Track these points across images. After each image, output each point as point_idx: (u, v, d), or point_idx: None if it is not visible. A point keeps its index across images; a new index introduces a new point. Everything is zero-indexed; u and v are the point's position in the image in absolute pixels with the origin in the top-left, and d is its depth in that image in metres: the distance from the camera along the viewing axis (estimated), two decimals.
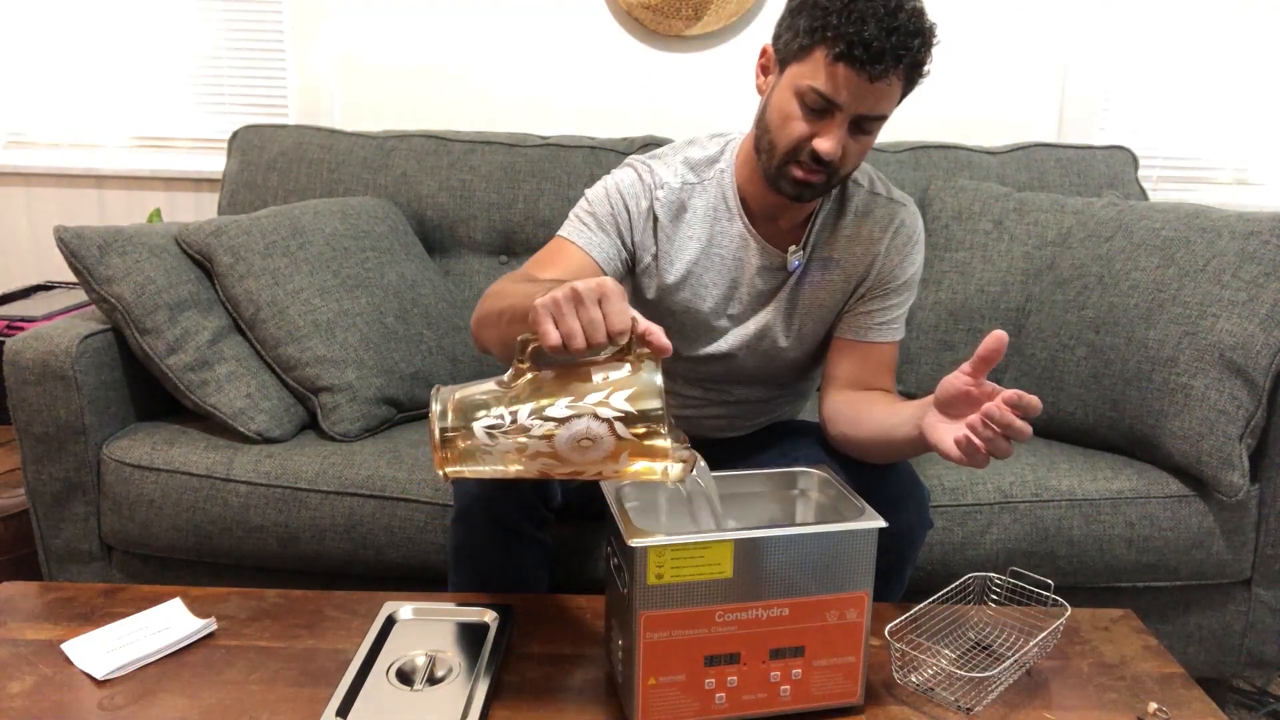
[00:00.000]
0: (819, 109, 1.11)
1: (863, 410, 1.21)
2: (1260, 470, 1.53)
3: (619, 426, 0.85)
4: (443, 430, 0.88)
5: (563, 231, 1.25)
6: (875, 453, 1.20)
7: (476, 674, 1.01)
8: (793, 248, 1.26)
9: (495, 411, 0.87)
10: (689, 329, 1.31)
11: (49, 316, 1.95)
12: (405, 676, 1.00)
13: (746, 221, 1.26)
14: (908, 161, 2.03)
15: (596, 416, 0.85)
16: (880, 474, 1.21)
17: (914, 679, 1.03)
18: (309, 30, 2.33)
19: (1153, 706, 0.99)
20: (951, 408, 1.00)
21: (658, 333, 0.87)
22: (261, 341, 1.65)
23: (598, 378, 0.87)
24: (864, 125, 1.12)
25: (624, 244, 1.26)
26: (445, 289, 1.90)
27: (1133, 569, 1.52)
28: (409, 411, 1.73)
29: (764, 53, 1.19)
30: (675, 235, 1.26)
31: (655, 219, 1.26)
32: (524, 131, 2.15)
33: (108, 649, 1.06)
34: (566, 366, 0.89)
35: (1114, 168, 2.03)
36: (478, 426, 0.87)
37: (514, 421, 0.86)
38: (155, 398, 1.69)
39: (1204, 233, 1.57)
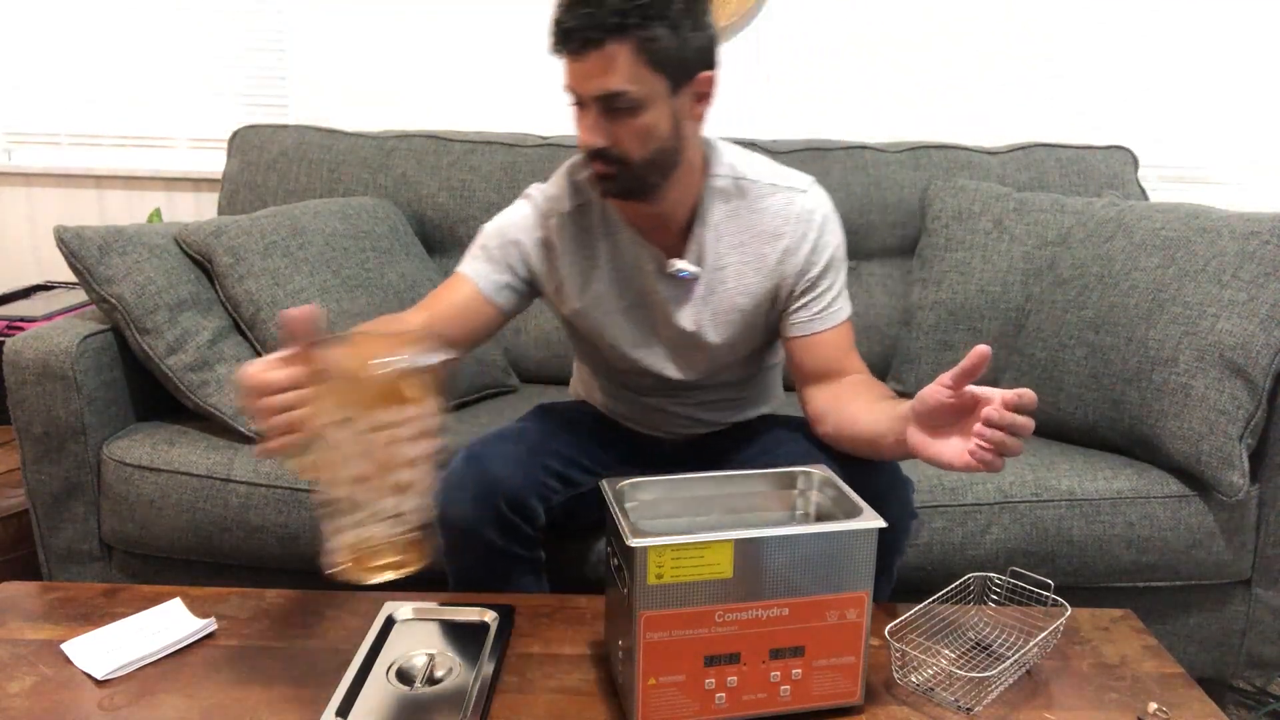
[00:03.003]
0: (575, 104, 1.13)
1: (845, 417, 1.19)
2: (1260, 470, 1.53)
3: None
4: None
5: (460, 266, 1.28)
6: (864, 455, 1.20)
7: (476, 674, 1.01)
8: (675, 260, 1.23)
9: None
10: (613, 342, 1.30)
11: (49, 316, 1.95)
12: (405, 676, 1.01)
13: (633, 232, 1.25)
14: (908, 161, 2.03)
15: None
16: (863, 469, 1.19)
17: (914, 679, 1.03)
18: (309, 30, 2.33)
19: (1153, 706, 0.99)
20: (933, 419, 1.00)
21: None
22: (262, 342, 1.65)
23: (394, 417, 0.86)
24: (612, 106, 1.10)
25: (518, 275, 1.27)
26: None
27: (1133, 569, 1.52)
28: None
29: None
30: (576, 257, 1.26)
31: (550, 248, 1.26)
32: (524, 131, 2.15)
33: (108, 649, 1.06)
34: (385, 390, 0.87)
35: (1114, 168, 2.03)
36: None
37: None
38: (155, 398, 1.68)
39: (1204, 233, 1.57)
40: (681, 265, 1.23)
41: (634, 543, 0.88)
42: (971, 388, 0.96)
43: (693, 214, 1.24)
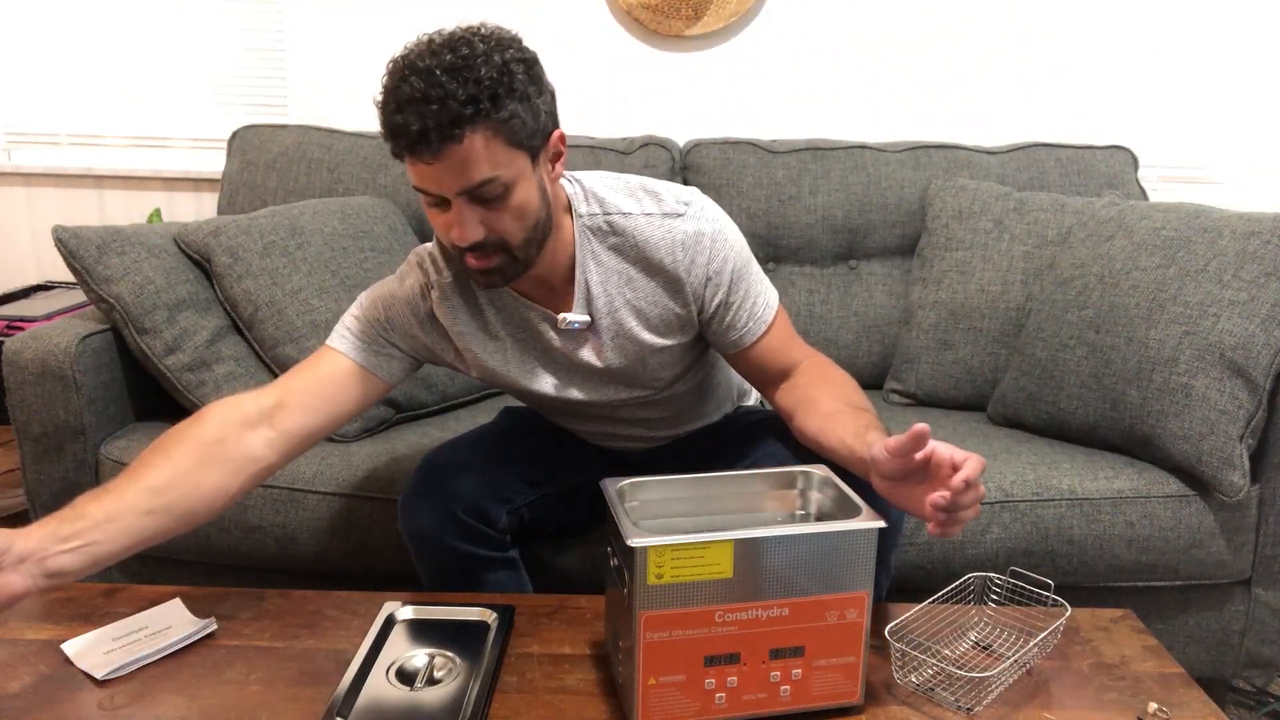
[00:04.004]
0: (436, 201, 1.05)
1: (809, 430, 1.15)
2: (1260, 470, 1.53)
3: None
4: None
5: (329, 339, 1.21)
6: None
7: (476, 674, 1.01)
8: (563, 315, 1.17)
9: None
10: (535, 390, 1.25)
11: (49, 316, 1.95)
12: (405, 676, 1.00)
13: (514, 296, 1.19)
14: (908, 161, 2.03)
15: None
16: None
17: (914, 679, 1.03)
18: (309, 30, 2.33)
19: (1153, 706, 0.99)
20: (892, 475, 0.98)
21: None
22: (260, 342, 1.65)
23: None
24: (479, 195, 1.03)
25: (400, 349, 1.22)
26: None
27: (1133, 569, 1.52)
28: (407, 412, 1.73)
29: None
30: (470, 327, 1.22)
31: (436, 321, 1.22)
32: None
33: (108, 649, 1.06)
34: None
35: (1114, 168, 2.03)
36: None
37: None
38: (154, 398, 1.68)
39: (1205, 232, 1.57)
40: (572, 318, 1.17)
41: (634, 543, 0.88)
42: (924, 450, 0.93)
43: (571, 262, 1.17)
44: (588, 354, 1.22)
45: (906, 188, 2.00)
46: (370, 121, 2.58)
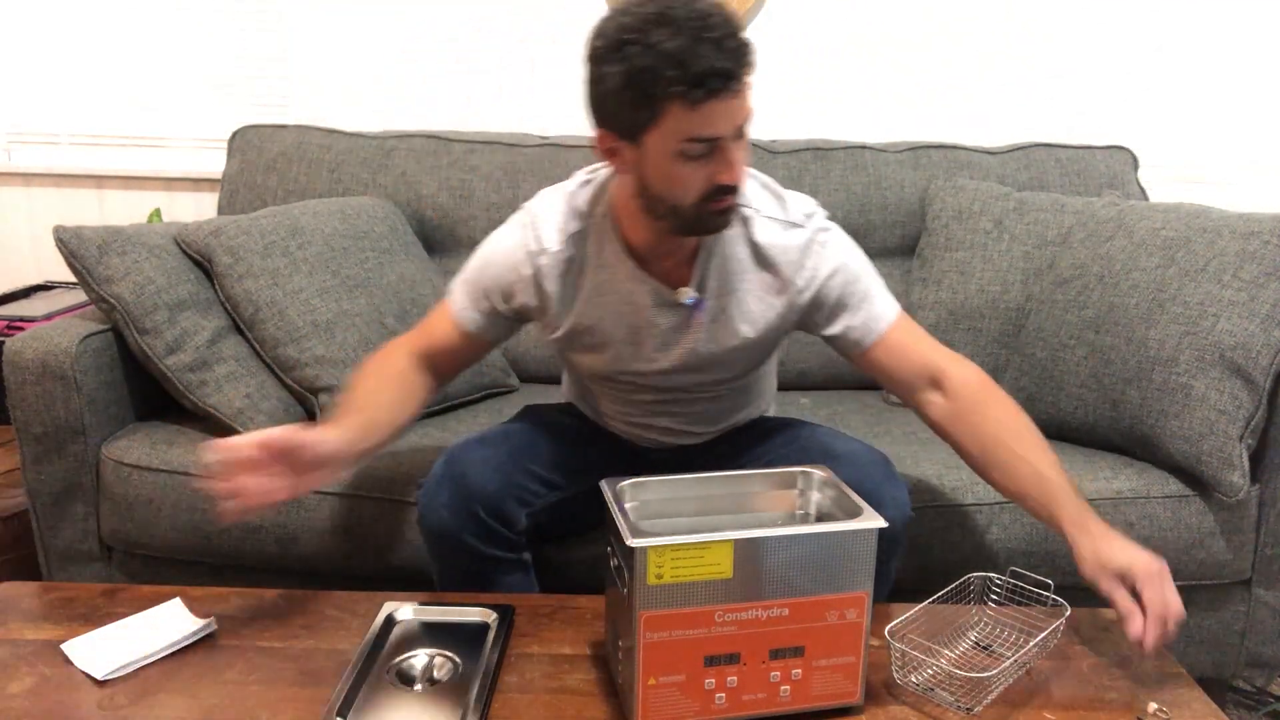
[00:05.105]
0: (706, 150, 1.05)
1: (1011, 497, 1.21)
2: (1260, 470, 1.53)
3: None
4: None
5: (448, 299, 1.31)
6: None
7: (476, 674, 1.01)
8: (683, 289, 1.20)
9: None
10: (606, 363, 1.28)
11: (49, 316, 1.95)
12: (405, 676, 1.01)
13: (633, 265, 1.21)
14: (908, 161, 2.03)
15: None
16: (855, 471, 1.18)
17: (914, 679, 1.03)
18: (309, 30, 2.33)
19: (1153, 706, 0.99)
20: None
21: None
22: (260, 342, 1.65)
23: None
24: (740, 133, 1.07)
25: (501, 313, 1.27)
26: (445, 289, 1.89)
27: None
28: None
29: (601, 139, 1.12)
30: (566, 291, 1.23)
31: (540, 285, 1.23)
32: (524, 131, 2.15)
33: (108, 649, 1.06)
34: None
35: (1114, 168, 2.03)
36: None
37: None
38: (154, 398, 1.68)
39: (1204, 233, 1.57)
40: (691, 294, 1.20)
41: (634, 543, 0.88)
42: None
43: (696, 241, 1.20)
44: (683, 335, 1.24)
45: (906, 188, 2.00)
46: (370, 121, 2.57)
